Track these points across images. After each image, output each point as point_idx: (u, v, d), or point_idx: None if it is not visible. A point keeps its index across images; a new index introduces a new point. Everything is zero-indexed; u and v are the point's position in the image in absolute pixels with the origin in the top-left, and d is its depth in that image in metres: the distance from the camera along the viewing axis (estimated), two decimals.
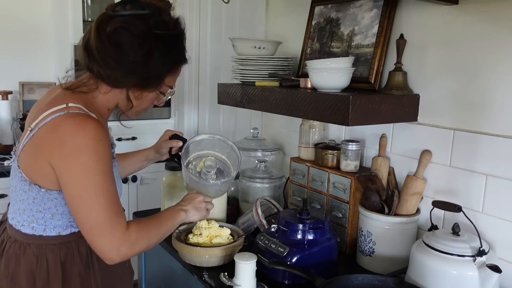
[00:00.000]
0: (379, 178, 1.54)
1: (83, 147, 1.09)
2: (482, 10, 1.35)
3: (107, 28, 1.14)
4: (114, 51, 1.14)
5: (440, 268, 1.22)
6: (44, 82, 3.10)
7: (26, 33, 3.05)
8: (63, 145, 1.09)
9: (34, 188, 1.16)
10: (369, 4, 1.62)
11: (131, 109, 1.27)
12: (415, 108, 1.53)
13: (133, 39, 1.14)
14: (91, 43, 1.15)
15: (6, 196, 2.52)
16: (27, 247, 1.21)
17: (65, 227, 1.22)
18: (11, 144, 2.90)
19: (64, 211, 1.20)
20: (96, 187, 1.11)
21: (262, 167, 1.95)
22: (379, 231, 1.48)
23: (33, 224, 1.21)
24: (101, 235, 1.13)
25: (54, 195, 1.17)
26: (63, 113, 1.11)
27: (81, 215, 1.13)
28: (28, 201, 1.19)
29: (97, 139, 1.10)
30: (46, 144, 1.12)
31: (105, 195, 1.12)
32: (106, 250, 1.14)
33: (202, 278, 1.43)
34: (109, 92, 1.21)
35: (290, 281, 1.37)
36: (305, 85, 1.62)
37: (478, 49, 1.37)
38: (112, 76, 1.17)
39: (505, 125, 1.32)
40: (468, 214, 1.28)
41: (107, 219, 1.12)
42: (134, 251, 1.18)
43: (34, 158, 1.14)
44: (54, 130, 1.11)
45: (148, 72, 1.19)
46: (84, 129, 1.09)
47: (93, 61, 1.16)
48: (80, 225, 1.15)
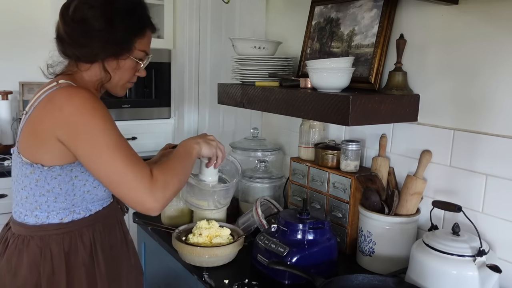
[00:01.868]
0: (379, 178, 1.54)
1: (81, 108, 1.13)
2: (482, 10, 1.35)
3: (69, 10, 1.21)
4: (80, 27, 1.20)
5: (440, 268, 1.22)
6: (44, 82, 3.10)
7: (26, 33, 3.05)
8: (62, 111, 1.13)
9: (36, 169, 1.18)
10: (369, 4, 1.62)
11: (113, 83, 1.30)
12: (415, 108, 1.53)
13: (94, 11, 1.20)
14: (60, 31, 1.23)
15: (6, 196, 2.52)
16: (30, 240, 1.22)
17: (68, 213, 1.24)
18: (11, 144, 2.91)
19: (68, 190, 1.21)
20: (107, 142, 1.13)
21: (262, 167, 1.96)
22: (379, 231, 1.48)
23: (36, 212, 1.22)
24: (130, 188, 1.14)
25: (57, 172, 1.19)
26: (55, 88, 1.17)
27: (103, 173, 1.15)
28: (30, 186, 1.21)
29: (93, 100, 1.15)
30: (44, 117, 1.15)
31: (119, 148, 1.14)
32: (141, 201, 1.15)
33: (202, 278, 1.43)
34: (89, 69, 1.26)
35: (290, 281, 1.37)
36: (305, 85, 1.62)
37: (478, 49, 1.37)
38: (86, 53, 1.22)
39: (505, 125, 1.33)
40: (468, 214, 1.28)
41: (129, 171, 1.14)
42: (169, 192, 1.19)
43: (34, 135, 1.18)
44: (50, 102, 1.15)
45: (115, 38, 1.23)
46: (77, 92, 1.15)
47: (66, 46, 1.23)
48: (106, 185, 1.18)
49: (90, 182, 1.24)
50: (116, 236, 1.36)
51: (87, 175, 1.22)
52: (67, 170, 1.20)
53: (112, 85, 1.32)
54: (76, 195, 1.23)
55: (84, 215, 1.27)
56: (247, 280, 1.41)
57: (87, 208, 1.27)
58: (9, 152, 2.82)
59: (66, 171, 1.20)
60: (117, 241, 1.35)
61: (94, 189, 1.26)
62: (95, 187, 1.26)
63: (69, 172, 1.20)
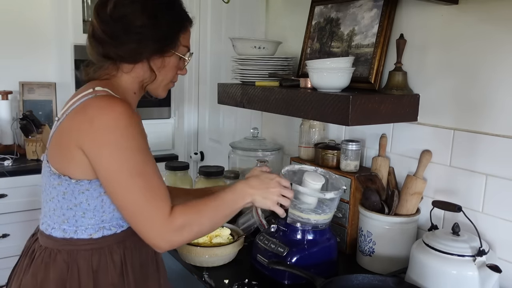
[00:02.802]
0: (379, 178, 1.54)
1: (112, 124, 1.04)
2: (482, 10, 1.35)
3: (106, 9, 1.13)
4: (121, 25, 1.13)
5: (440, 268, 1.22)
6: (44, 82, 3.10)
7: (26, 33, 3.05)
8: (92, 124, 1.04)
9: (63, 181, 1.10)
10: (369, 4, 1.62)
11: (157, 83, 1.23)
12: (415, 108, 1.53)
13: (134, 6, 1.13)
14: (97, 31, 1.14)
15: (7, 196, 2.53)
16: (57, 253, 1.14)
17: (97, 229, 1.15)
18: (11, 144, 2.91)
19: (96, 206, 1.13)
20: (130, 167, 1.04)
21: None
22: (379, 231, 1.48)
23: (64, 226, 1.14)
24: (142, 221, 1.06)
25: (85, 186, 1.11)
26: (91, 96, 1.09)
27: (119, 199, 1.07)
28: (58, 198, 1.13)
29: (127, 115, 1.05)
30: (74, 126, 1.08)
31: (141, 176, 1.05)
32: (150, 237, 1.07)
33: (202, 278, 1.43)
34: (132, 70, 1.18)
35: (290, 281, 1.37)
36: (305, 85, 1.62)
37: (478, 48, 1.37)
38: (129, 51, 1.14)
39: (506, 125, 1.32)
40: (468, 214, 1.28)
41: (146, 203, 1.05)
42: (183, 237, 1.09)
43: (63, 144, 1.10)
44: (82, 111, 1.07)
45: (160, 33, 1.16)
46: (113, 106, 1.06)
47: (107, 46, 1.14)
48: (121, 211, 1.10)
49: None
50: (148, 254, 1.25)
51: None
52: (95, 185, 1.11)
53: (155, 85, 1.23)
54: (106, 211, 1.14)
55: (115, 231, 1.17)
56: (247, 280, 1.41)
57: (118, 224, 1.17)
58: (9, 152, 2.83)
59: (95, 186, 1.11)
60: (147, 259, 1.25)
61: None
62: None
63: (98, 187, 1.11)
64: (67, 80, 2.82)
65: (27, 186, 2.59)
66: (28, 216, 2.60)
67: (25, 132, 2.77)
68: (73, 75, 2.75)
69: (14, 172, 2.56)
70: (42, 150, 2.79)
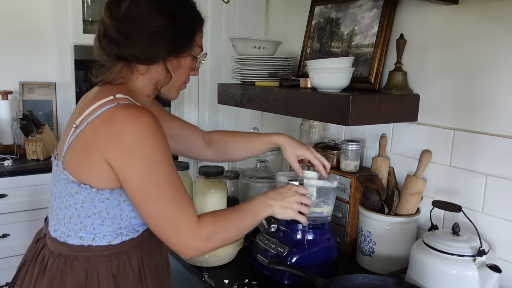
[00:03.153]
0: (379, 178, 1.54)
1: (142, 137, 1.02)
2: (482, 10, 1.35)
3: (121, 8, 1.09)
4: (137, 24, 1.09)
5: (440, 268, 1.22)
6: (44, 82, 3.10)
7: (26, 33, 3.04)
8: (120, 137, 1.02)
9: (83, 189, 1.08)
10: (369, 4, 1.62)
11: (171, 85, 1.20)
12: (415, 108, 1.53)
13: (150, 6, 1.10)
14: (110, 31, 1.10)
15: (7, 196, 2.52)
16: (74, 260, 1.11)
17: (115, 235, 1.13)
18: (11, 144, 2.90)
19: (115, 214, 1.11)
20: (159, 178, 1.04)
21: (262, 167, 1.95)
22: (379, 231, 1.48)
23: (80, 234, 1.11)
24: (170, 230, 1.07)
25: (105, 195, 1.08)
26: (114, 105, 1.05)
27: (146, 209, 1.07)
28: (75, 206, 1.10)
29: (155, 127, 1.04)
30: (100, 138, 1.04)
31: (169, 186, 1.06)
32: (179, 245, 1.09)
33: (202, 278, 1.43)
34: (147, 72, 1.15)
35: (290, 281, 1.37)
36: (305, 85, 1.62)
37: (478, 49, 1.37)
38: (145, 52, 1.11)
39: (505, 125, 1.32)
40: (468, 214, 1.28)
41: (173, 212, 1.06)
42: (209, 246, 1.11)
43: (86, 154, 1.07)
44: (108, 122, 1.04)
45: (177, 33, 1.13)
46: (141, 118, 1.03)
47: (121, 47, 1.10)
48: (147, 221, 1.09)
49: None
50: (161, 256, 1.25)
51: None
52: (116, 194, 1.09)
53: (169, 87, 1.21)
54: (124, 219, 1.13)
55: (132, 236, 1.16)
56: (247, 280, 1.41)
57: (135, 229, 1.16)
58: (9, 152, 2.83)
59: (115, 195, 1.09)
60: (162, 262, 1.25)
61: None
62: None
63: (118, 196, 1.10)
64: (67, 80, 2.82)
65: (27, 186, 2.59)
66: (28, 216, 2.60)
67: (25, 132, 2.77)
68: (73, 75, 2.75)
69: (14, 172, 2.56)
70: (42, 150, 2.79)
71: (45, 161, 2.78)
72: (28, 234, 2.57)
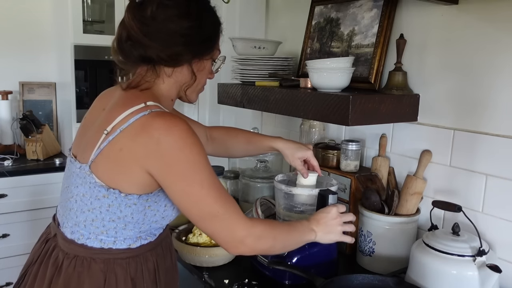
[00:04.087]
0: (379, 178, 1.54)
1: (181, 143, 1.04)
2: (482, 10, 1.35)
3: (147, 10, 1.09)
4: (164, 27, 1.09)
5: (440, 268, 1.22)
6: (44, 82, 3.10)
7: (26, 33, 3.05)
8: (160, 145, 1.03)
9: (111, 193, 1.08)
10: (369, 4, 1.62)
11: (194, 87, 1.22)
12: (415, 108, 1.53)
13: (177, 8, 1.10)
14: (136, 34, 1.09)
15: (7, 196, 2.52)
16: (91, 262, 1.11)
17: (135, 239, 1.14)
18: (11, 144, 2.91)
19: (139, 219, 1.11)
20: (202, 180, 1.06)
21: (262, 167, 1.95)
22: (379, 231, 1.48)
23: (101, 237, 1.11)
24: (223, 227, 1.08)
25: (133, 201, 1.08)
26: (147, 113, 1.05)
27: (194, 212, 1.08)
28: (100, 210, 1.09)
29: (191, 132, 1.06)
30: (138, 148, 1.04)
31: (213, 187, 1.07)
32: (230, 242, 1.10)
33: (202, 278, 1.43)
34: (172, 74, 1.15)
35: (290, 281, 1.37)
36: (305, 85, 1.62)
37: (478, 49, 1.37)
38: (172, 53, 1.11)
39: (505, 125, 1.32)
40: (468, 214, 1.28)
41: (224, 210, 1.07)
42: (258, 247, 1.13)
43: (120, 162, 1.07)
44: (145, 131, 1.04)
45: (202, 35, 1.14)
46: (177, 124, 1.04)
47: (147, 49, 1.10)
48: (195, 222, 1.10)
49: (160, 212, 1.14)
50: (172, 258, 1.28)
51: (158, 205, 1.13)
52: (143, 200, 1.10)
53: (192, 90, 1.22)
54: (145, 223, 1.13)
55: (150, 240, 1.17)
56: (247, 280, 1.41)
57: (152, 233, 1.18)
58: (9, 152, 2.83)
59: (142, 200, 1.09)
60: (172, 265, 1.27)
61: (162, 219, 1.16)
62: (163, 217, 1.16)
63: (144, 201, 1.10)
64: (67, 80, 2.82)
65: (27, 186, 2.59)
66: (28, 216, 2.60)
67: (25, 132, 2.77)
68: (73, 75, 2.75)
69: (14, 172, 2.56)
70: (42, 150, 2.79)
71: (45, 161, 2.78)
72: (28, 234, 2.57)
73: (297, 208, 1.42)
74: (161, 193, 1.11)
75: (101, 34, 2.93)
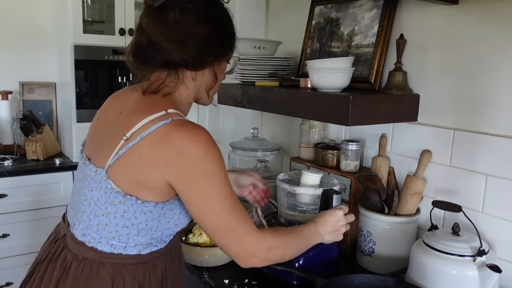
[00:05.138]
0: (379, 178, 1.54)
1: (203, 154, 1.03)
2: (482, 10, 1.35)
3: (169, 15, 1.07)
4: (188, 31, 1.08)
5: (440, 268, 1.22)
6: (44, 82, 3.10)
7: (26, 33, 3.05)
8: (181, 155, 1.02)
9: (128, 200, 1.07)
10: (369, 4, 1.62)
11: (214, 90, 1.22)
12: (415, 108, 1.53)
13: (199, 12, 1.10)
14: (159, 40, 1.07)
15: (7, 196, 2.52)
16: (100, 266, 1.10)
17: (146, 245, 1.14)
18: (11, 144, 2.90)
19: (152, 226, 1.11)
20: (220, 192, 1.06)
21: (262, 167, 1.95)
22: (379, 231, 1.48)
23: (113, 241, 1.11)
24: (235, 241, 1.09)
25: (149, 208, 1.08)
26: (168, 121, 1.04)
27: (211, 223, 1.08)
28: (115, 215, 1.09)
29: (212, 143, 1.06)
30: (159, 157, 1.04)
31: (229, 200, 1.07)
32: (241, 255, 1.11)
33: (202, 278, 1.43)
34: (196, 78, 1.15)
35: (291, 281, 1.37)
36: (305, 85, 1.62)
37: (478, 49, 1.37)
38: (196, 57, 1.11)
39: (506, 125, 1.32)
40: (468, 214, 1.28)
41: (238, 224, 1.08)
42: (270, 258, 1.14)
43: (140, 170, 1.06)
44: (167, 140, 1.03)
45: (224, 38, 1.15)
46: (199, 135, 1.04)
47: (171, 53, 1.09)
48: (209, 233, 1.11)
49: (174, 220, 1.14)
50: (179, 265, 1.27)
51: (173, 213, 1.12)
52: (159, 208, 1.09)
53: (213, 92, 1.22)
54: (158, 231, 1.13)
55: (160, 247, 1.17)
56: (247, 280, 1.41)
57: (163, 240, 1.18)
58: (9, 152, 2.83)
59: (158, 208, 1.09)
60: (180, 271, 1.27)
61: (174, 227, 1.16)
62: (176, 225, 1.16)
63: (160, 209, 1.10)
64: (67, 80, 2.82)
65: (27, 186, 2.59)
66: (28, 216, 2.60)
67: (25, 132, 2.77)
68: (73, 75, 2.75)
69: (14, 172, 2.56)
70: (42, 150, 2.79)
71: (45, 161, 2.78)
72: (29, 234, 2.57)
73: (301, 207, 1.42)
74: (177, 201, 1.11)
75: (101, 34, 2.93)
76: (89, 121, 1.24)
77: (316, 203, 1.39)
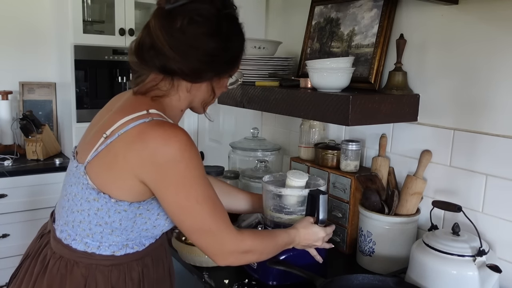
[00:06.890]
0: (379, 178, 1.54)
1: (178, 156, 1.01)
2: (482, 10, 1.35)
3: (176, 22, 1.05)
4: (192, 43, 1.05)
5: (440, 268, 1.22)
6: (44, 82, 3.11)
7: (26, 33, 3.05)
8: (155, 156, 1.00)
9: (101, 198, 1.06)
10: (369, 4, 1.62)
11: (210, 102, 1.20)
12: (415, 108, 1.53)
13: (207, 26, 1.06)
14: (161, 44, 1.05)
15: (7, 196, 2.52)
16: (74, 265, 1.10)
17: (121, 247, 1.12)
18: (11, 144, 2.91)
19: (127, 226, 1.09)
20: (197, 195, 1.05)
21: (262, 167, 1.95)
22: (379, 231, 1.48)
23: (87, 240, 1.10)
24: (213, 242, 1.10)
25: (123, 207, 1.07)
26: (147, 120, 1.03)
27: (187, 224, 1.08)
28: (89, 212, 1.08)
29: (190, 145, 1.03)
30: (133, 155, 1.02)
31: (207, 201, 1.07)
32: (218, 256, 1.12)
33: (202, 279, 1.43)
34: (190, 90, 1.13)
35: (290, 281, 1.37)
36: (305, 85, 1.62)
37: (478, 49, 1.37)
38: (195, 70, 1.08)
39: (506, 125, 1.32)
40: (468, 214, 1.28)
41: (216, 225, 1.08)
42: (246, 259, 1.17)
43: (114, 167, 1.05)
44: (142, 139, 1.01)
45: (228, 57, 1.12)
46: (176, 136, 1.02)
47: (170, 61, 1.06)
48: (187, 234, 1.11)
49: (151, 221, 1.12)
50: (164, 269, 1.25)
51: (150, 213, 1.11)
52: (134, 207, 1.08)
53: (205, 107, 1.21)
54: (134, 231, 1.12)
55: (137, 250, 1.15)
56: (247, 280, 1.41)
57: (141, 243, 1.16)
58: (9, 152, 2.83)
59: (133, 208, 1.08)
60: (164, 275, 1.25)
61: (153, 228, 1.14)
62: (155, 226, 1.13)
63: (135, 209, 1.08)
64: (67, 80, 2.82)
65: (27, 186, 2.59)
66: (28, 216, 2.60)
67: (25, 132, 2.77)
68: (73, 75, 2.75)
69: (14, 172, 2.56)
70: (42, 150, 2.79)
71: (45, 161, 2.79)
72: (28, 234, 2.57)
73: (287, 209, 1.40)
74: (155, 201, 1.10)
75: (101, 34, 2.93)
76: (89, 121, 1.25)
77: (303, 204, 1.38)
